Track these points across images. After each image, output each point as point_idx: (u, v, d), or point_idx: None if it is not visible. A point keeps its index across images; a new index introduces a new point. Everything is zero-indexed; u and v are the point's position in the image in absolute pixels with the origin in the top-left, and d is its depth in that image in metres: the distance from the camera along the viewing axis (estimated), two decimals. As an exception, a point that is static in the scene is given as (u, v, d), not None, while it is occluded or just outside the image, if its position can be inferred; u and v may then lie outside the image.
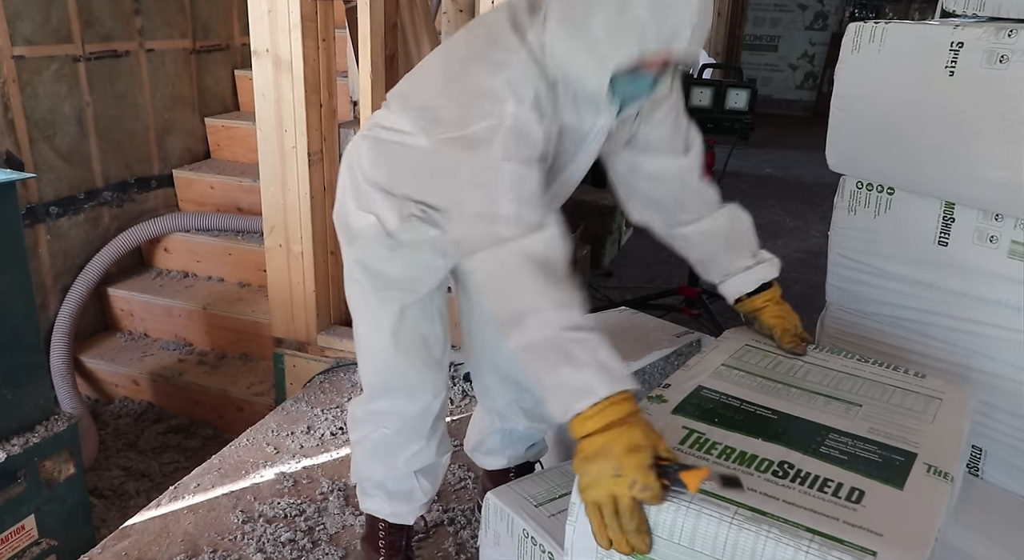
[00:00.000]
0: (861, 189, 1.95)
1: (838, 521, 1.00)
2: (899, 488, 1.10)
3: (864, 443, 1.20)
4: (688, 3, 1.13)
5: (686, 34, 1.13)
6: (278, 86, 2.50)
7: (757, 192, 5.39)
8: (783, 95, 9.02)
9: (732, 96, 2.68)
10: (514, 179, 1.20)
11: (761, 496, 1.04)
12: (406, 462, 1.63)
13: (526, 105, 1.21)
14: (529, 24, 1.26)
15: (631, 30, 1.12)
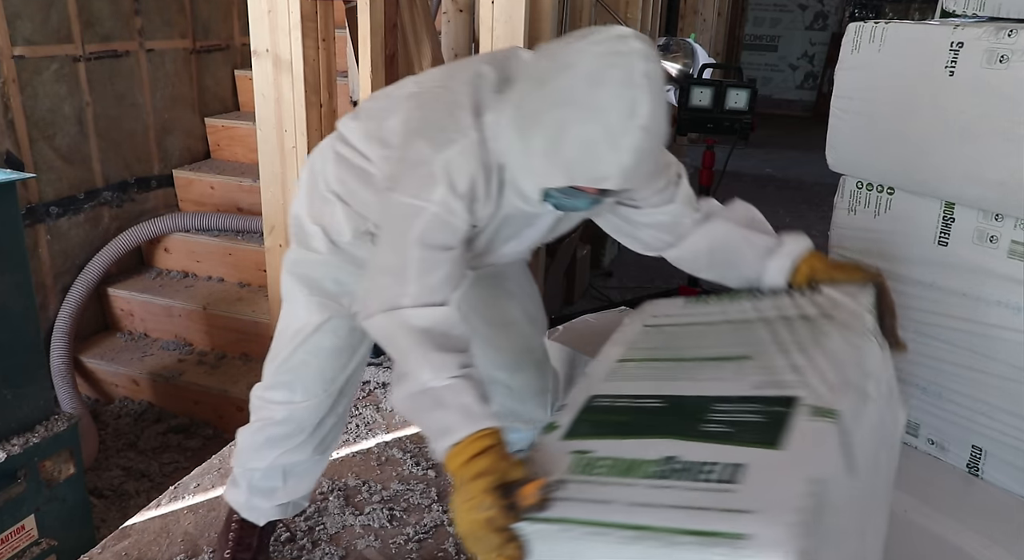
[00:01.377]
0: (861, 189, 1.95)
1: (713, 511, 0.95)
2: (777, 448, 1.03)
3: (748, 404, 1.15)
4: (619, 152, 1.11)
5: (616, 179, 1.14)
6: (278, 86, 2.50)
7: (757, 192, 5.39)
8: (783, 95, 9.02)
9: (732, 96, 2.68)
10: (423, 264, 1.26)
11: (642, 508, 1.00)
12: (282, 455, 1.63)
13: (457, 194, 1.25)
14: (491, 103, 1.28)
15: (561, 164, 1.16)
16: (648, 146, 1.13)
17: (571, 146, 1.13)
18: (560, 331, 2.10)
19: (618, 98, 1.10)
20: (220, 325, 3.29)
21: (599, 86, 1.10)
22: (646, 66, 1.12)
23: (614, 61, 1.11)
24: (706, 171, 2.93)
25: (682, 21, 5.91)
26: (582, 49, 1.15)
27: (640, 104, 1.10)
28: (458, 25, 2.89)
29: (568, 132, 1.13)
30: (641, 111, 1.10)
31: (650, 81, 1.12)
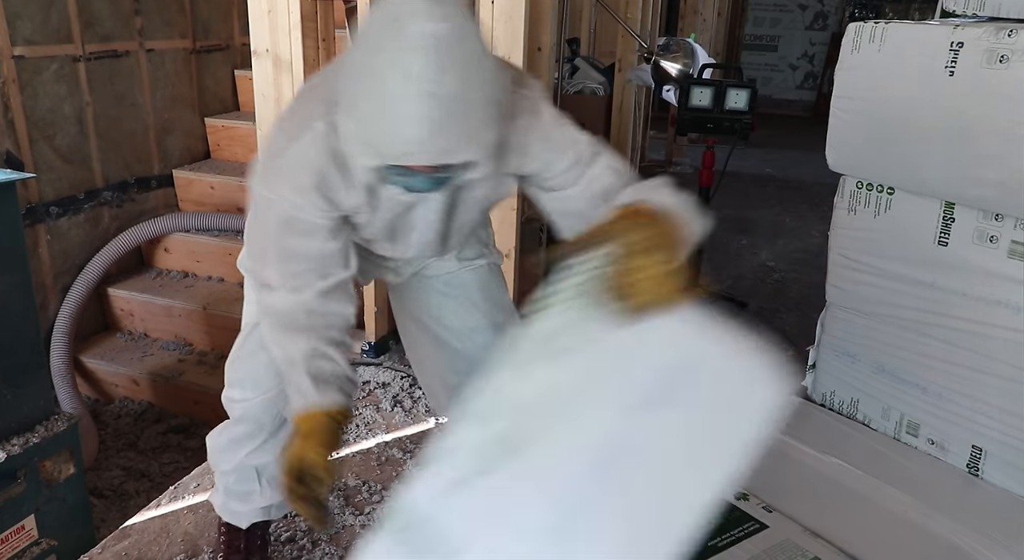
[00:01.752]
0: (861, 189, 1.95)
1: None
2: None
3: None
4: (400, 123, 1.03)
5: (413, 152, 1.05)
6: (278, 86, 2.50)
7: (757, 192, 5.39)
8: (783, 95, 9.01)
9: (732, 96, 2.68)
10: (281, 254, 1.30)
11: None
12: (249, 455, 1.62)
13: (300, 188, 1.23)
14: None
15: (363, 142, 1.11)
16: (439, 112, 1.01)
17: (363, 122, 1.08)
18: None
19: (392, 63, 1.02)
20: (220, 325, 3.29)
21: (376, 53, 1.03)
22: (427, 26, 1.01)
23: (390, 25, 1.03)
24: (706, 171, 2.92)
25: (682, 21, 5.91)
26: (371, 17, 1.09)
27: (414, 65, 1.00)
28: (458, 25, 2.89)
29: (358, 107, 1.08)
30: (418, 73, 1.00)
31: (434, 40, 1.01)
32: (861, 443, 1.94)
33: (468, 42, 1.04)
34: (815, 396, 2.20)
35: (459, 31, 1.03)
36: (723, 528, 1.56)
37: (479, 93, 1.05)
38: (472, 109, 1.04)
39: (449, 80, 1.01)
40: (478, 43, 1.06)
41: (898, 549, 1.55)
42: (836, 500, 1.71)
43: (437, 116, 1.01)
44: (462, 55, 1.03)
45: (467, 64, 1.03)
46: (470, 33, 1.05)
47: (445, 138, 1.04)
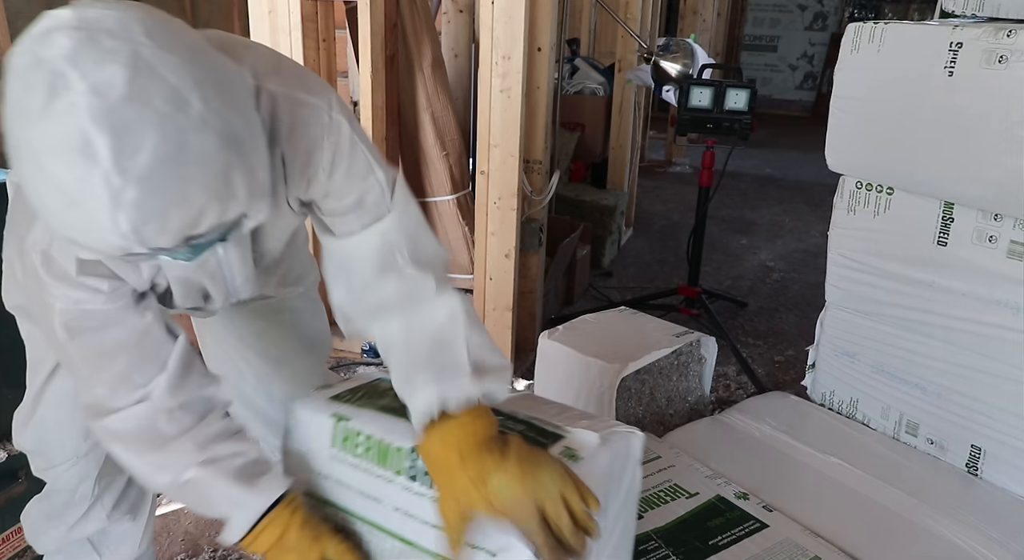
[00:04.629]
0: (860, 189, 1.95)
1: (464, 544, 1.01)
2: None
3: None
4: (102, 222, 0.73)
5: (135, 245, 0.76)
6: (278, 86, 2.50)
7: (757, 192, 5.39)
8: (782, 95, 9.01)
9: (732, 96, 2.68)
10: (91, 362, 1.01)
11: (405, 517, 1.05)
12: (75, 528, 1.33)
13: (69, 279, 0.95)
14: None
15: (73, 244, 0.80)
16: (142, 194, 0.72)
17: (53, 221, 0.78)
18: (560, 331, 2.10)
19: (49, 141, 0.71)
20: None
21: (28, 124, 0.72)
22: (89, 77, 0.70)
23: (32, 79, 0.72)
24: (706, 171, 2.93)
25: (682, 21, 5.91)
26: (10, 64, 0.75)
27: (88, 141, 0.70)
28: (458, 25, 2.89)
29: (32, 196, 0.76)
30: (96, 151, 0.70)
31: (97, 94, 0.70)
32: (861, 442, 1.95)
33: (163, 75, 0.72)
34: (815, 396, 2.21)
35: (143, 67, 0.72)
36: (723, 527, 1.57)
37: (206, 153, 0.74)
38: (196, 174, 0.74)
39: (144, 147, 0.71)
40: (196, 77, 0.74)
41: (898, 548, 1.55)
42: (836, 499, 1.71)
43: (136, 199, 0.72)
44: (159, 101, 0.71)
45: (170, 111, 0.72)
46: (167, 57, 0.73)
47: (157, 222, 0.74)
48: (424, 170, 2.71)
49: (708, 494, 1.67)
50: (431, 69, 2.60)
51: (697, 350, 2.15)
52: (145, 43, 0.73)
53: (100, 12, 0.74)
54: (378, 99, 2.45)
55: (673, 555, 1.49)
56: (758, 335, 3.07)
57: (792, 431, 1.96)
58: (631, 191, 4.26)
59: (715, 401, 2.38)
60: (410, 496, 1.04)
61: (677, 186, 5.45)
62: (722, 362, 2.60)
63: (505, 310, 2.46)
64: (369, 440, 1.09)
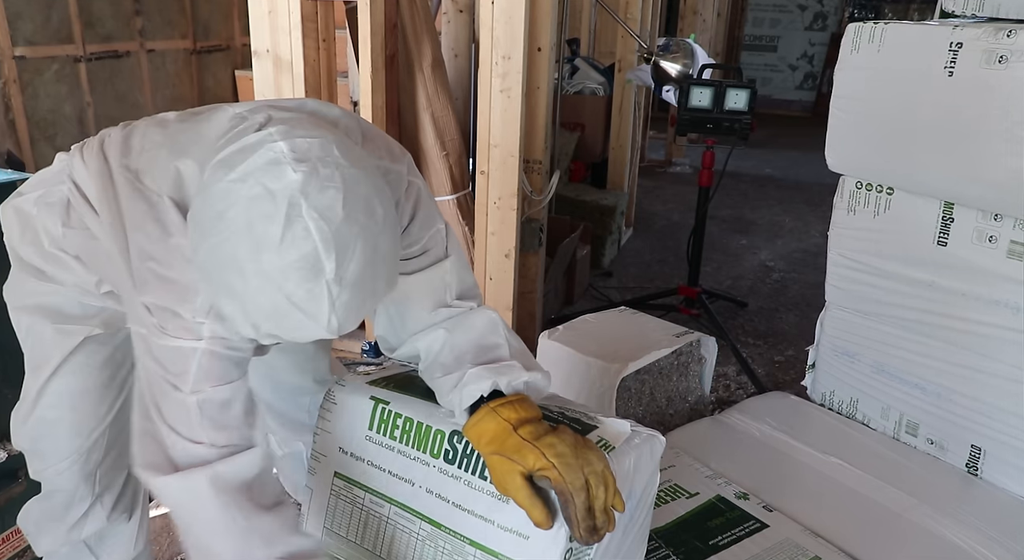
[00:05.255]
0: (860, 189, 1.95)
1: (494, 525, 1.05)
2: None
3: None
4: (314, 319, 0.84)
5: (324, 335, 0.86)
6: (279, 86, 2.50)
7: (757, 192, 5.39)
8: (782, 95, 9.02)
9: (732, 96, 2.68)
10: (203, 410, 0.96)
11: (437, 500, 1.10)
12: (74, 529, 1.33)
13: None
14: None
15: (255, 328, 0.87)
16: (348, 297, 0.83)
17: (257, 317, 0.85)
18: (560, 331, 2.10)
19: (289, 260, 0.80)
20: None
21: (261, 248, 0.81)
22: (315, 201, 0.81)
23: (268, 209, 0.81)
24: (706, 171, 2.93)
25: (682, 21, 5.91)
26: (229, 190, 0.83)
27: (319, 259, 0.80)
28: (458, 25, 2.89)
29: (247, 303, 0.84)
30: (324, 266, 0.81)
31: (324, 219, 0.80)
32: (861, 443, 1.95)
33: (360, 191, 0.84)
34: (815, 396, 2.21)
35: (351, 188, 0.83)
36: (723, 527, 1.57)
37: (387, 250, 0.87)
38: (381, 270, 0.87)
39: (355, 257, 0.83)
40: (372, 183, 0.87)
41: (898, 548, 1.55)
42: (836, 499, 1.71)
43: (347, 301, 0.84)
44: (361, 214, 0.83)
45: (367, 221, 0.84)
46: (359, 174, 0.86)
47: (355, 315, 0.87)
48: (424, 170, 2.71)
49: (708, 494, 1.67)
50: (431, 69, 2.60)
51: (697, 350, 2.15)
52: (344, 165, 0.86)
53: (307, 142, 0.86)
54: (378, 99, 2.45)
55: (673, 555, 1.49)
56: (758, 335, 3.07)
57: (792, 431, 1.96)
58: (631, 191, 4.26)
59: (715, 401, 2.38)
60: (445, 478, 1.09)
61: (677, 186, 5.45)
62: (722, 362, 2.60)
63: (505, 310, 2.46)
64: (408, 423, 1.14)
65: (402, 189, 1.09)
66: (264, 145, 0.85)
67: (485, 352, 1.11)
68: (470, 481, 1.07)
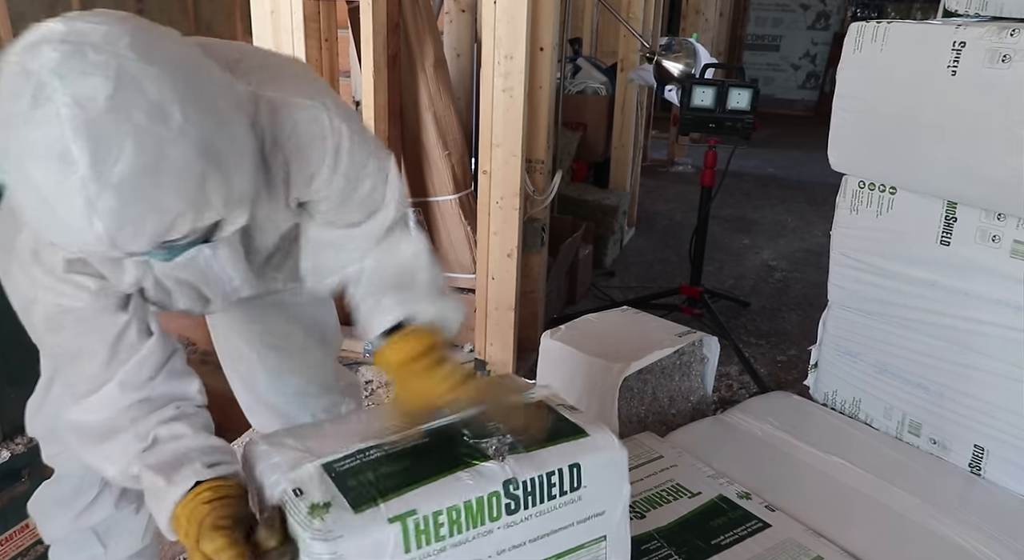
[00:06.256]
0: (863, 188, 1.95)
1: (573, 526, 1.07)
2: (587, 435, 1.11)
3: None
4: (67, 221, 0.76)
5: (110, 249, 0.79)
6: (281, 86, 2.51)
7: (759, 192, 5.38)
8: (785, 95, 9.00)
9: (734, 96, 2.68)
10: (68, 354, 1.07)
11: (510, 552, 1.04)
12: (81, 516, 1.35)
13: (55, 271, 0.99)
14: None
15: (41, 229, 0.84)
16: (119, 202, 0.75)
17: (32, 219, 0.81)
18: (562, 330, 2.10)
19: (32, 141, 0.74)
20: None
21: (9, 127, 0.75)
22: (72, 85, 0.73)
23: (19, 86, 0.74)
24: (708, 171, 2.92)
25: (684, 21, 5.91)
26: (1, 63, 0.78)
27: (67, 148, 0.72)
28: (460, 25, 2.89)
29: (15, 195, 0.79)
30: (75, 157, 0.72)
31: (79, 105, 0.72)
32: (863, 442, 1.95)
33: (146, 89, 0.75)
34: (817, 395, 2.21)
35: (126, 80, 0.74)
36: (725, 527, 1.57)
37: (181, 165, 0.77)
38: (170, 183, 0.77)
39: (122, 157, 0.73)
40: (178, 89, 0.77)
41: (901, 548, 1.55)
42: (839, 499, 1.71)
43: (114, 206, 0.75)
44: (140, 113, 0.74)
45: (149, 123, 0.74)
46: (151, 70, 0.76)
47: (132, 228, 0.77)
48: (426, 170, 2.71)
49: (710, 494, 1.67)
50: (433, 69, 2.60)
51: (699, 350, 2.15)
52: (130, 57, 0.75)
53: (89, 25, 0.77)
54: (380, 99, 2.45)
55: (675, 555, 1.49)
56: (760, 335, 3.07)
57: (794, 431, 1.96)
58: (633, 191, 4.26)
59: (717, 401, 2.38)
60: (512, 529, 1.03)
61: (679, 186, 5.45)
62: (724, 362, 2.60)
63: (507, 310, 2.46)
64: (453, 512, 0.98)
65: (320, 128, 1.01)
66: (40, 26, 0.80)
67: (408, 278, 1.16)
68: (541, 510, 1.04)
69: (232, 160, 0.83)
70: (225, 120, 0.83)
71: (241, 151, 0.85)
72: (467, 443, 1.06)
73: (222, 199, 0.82)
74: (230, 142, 0.83)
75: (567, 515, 1.07)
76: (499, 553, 1.03)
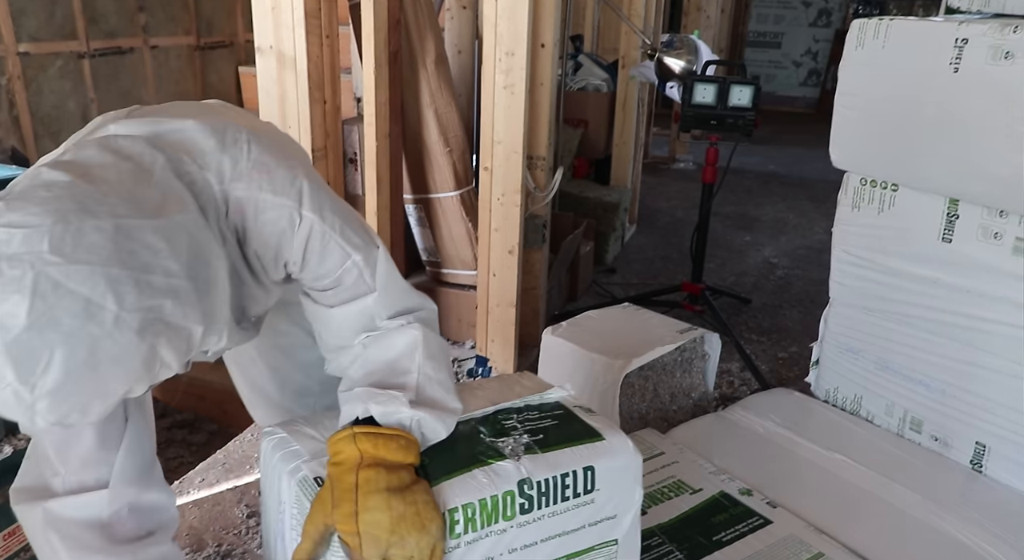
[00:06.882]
0: (865, 186, 1.95)
1: (585, 528, 1.09)
2: (603, 438, 1.12)
3: (525, 412, 1.16)
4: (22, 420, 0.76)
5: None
6: (282, 83, 2.50)
7: (761, 189, 5.38)
8: (786, 92, 9.00)
9: (736, 93, 2.68)
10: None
11: (521, 551, 1.04)
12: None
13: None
14: None
15: None
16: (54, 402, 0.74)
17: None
18: (563, 327, 2.10)
19: None
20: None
21: None
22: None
23: None
24: (710, 168, 2.92)
25: (686, 18, 5.90)
26: None
27: (2, 369, 0.71)
28: (462, 22, 2.89)
29: None
30: (4, 374, 0.72)
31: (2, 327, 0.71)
32: (865, 439, 1.95)
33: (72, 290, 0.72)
34: (819, 392, 2.21)
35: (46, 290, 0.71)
36: (727, 523, 1.57)
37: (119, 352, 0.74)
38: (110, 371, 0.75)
39: (52, 366, 0.72)
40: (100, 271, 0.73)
41: (902, 545, 1.55)
42: (840, 496, 1.71)
43: (49, 407, 0.74)
44: (67, 317, 0.72)
45: (79, 324, 0.72)
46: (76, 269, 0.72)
47: (83, 411, 0.77)
48: (427, 166, 2.71)
49: (712, 490, 1.67)
50: (434, 65, 2.60)
51: (701, 346, 2.15)
52: (51, 261, 0.72)
53: (6, 231, 0.72)
54: (381, 96, 2.45)
55: (677, 551, 1.49)
56: (762, 332, 3.07)
57: (796, 427, 1.96)
58: (634, 188, 4.26)
59: (719, 397, 2.38)
60: (526, 528, 1.04)
61: (680, 183, 5.44)
62: (726, 359, 2.60)
63: (508, 306, 2.47)
64: (468, 509, 1.00)
65: (288, 227, 1.00)
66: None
67: (392, 375, 1.05)
68: (554, 511, 1.06)
69: (188, 311, 0.80)
70: (176, 271, 0.79)
71: (205, 283, 0.83)
72: (484, 441, 1.08)
73: (177, 356, 0.80)
74: (185, 293, 0.80)
75: (579, 517, 1.08)
76: (511, 552, 1.04)
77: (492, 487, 1.01)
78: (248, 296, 1.07)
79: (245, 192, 0.97)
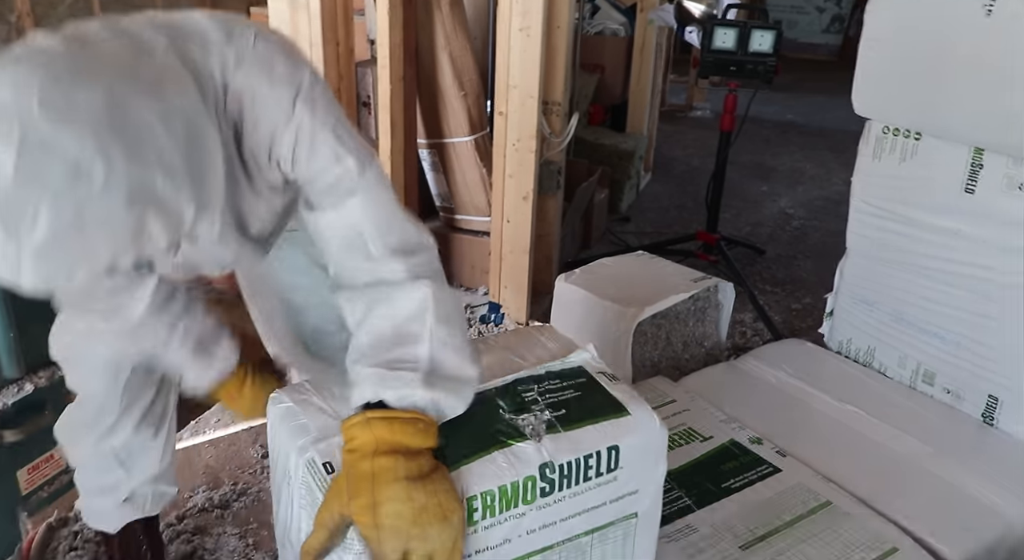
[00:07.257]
0: (887, 134, 1.91)
1: (605, 505, 1.06)
2: (628, 413, 1.08)
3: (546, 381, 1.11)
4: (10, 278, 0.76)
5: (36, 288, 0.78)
6: (295, 24, 2.46)
7: (779, 138, 5.30)
8: (808, 39, 8.78)
9: (756, 38, 2.62)
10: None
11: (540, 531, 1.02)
12: (101, 439, 1.40)
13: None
14: None
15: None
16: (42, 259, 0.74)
17: None
18: (577, 274, 2.10)
19: None
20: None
21: None
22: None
23: None
24: (727, 116, 2.87)
25: (707, -40, 5.75)
26: None
27: None
28: (478, -39, 2.82)
29: None
30: None
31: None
32: (877, 391, 1.95)
33: (60, 151, 0.71)
34: (832, 343, 2.20)
35: (33, 148, 0.71)
36: (736, 471, 1.58)
37: (105, 205, 0.73)
38: (96, 233, 0.74)
39: (39, 224, 0.71)
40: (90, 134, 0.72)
41: (912, 496, 1.56)
42: (850, 446, 1.72)
43: (35, 266, 0.74)
44: (54, 178, 0.71)
45: (65, 186, 0.71)
46: (65, 129, 0.71)
47: (69, 274, 0.77)
48: (442, 110, 2.68)
49: (722, 438, 1.68)
50: (449, 7, 2.54)
51: (714, 296, 2.15)
52: (40, 118, 0.70)
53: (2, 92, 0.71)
54: (395, 37, 2.41)
55: (686, 497, 1.51)
56: (776, 282, 3.06)
57: (808, 378, 1.96)
58: (650, 135, 4.20)
59: (731, 347, 2.38)
60: (546, 510, 1.01)
61: (697, 131, 5.37)
62: (739, 309, 2.59)
63: (522, 253, 2.46)
64: (487, 496, 0.96)
65: (281, 119, 0.99)
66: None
67: (401, 342, 1.00)
68: (575, 491, 1.02)
69: (176, 190, 0.78)
70: (168, 148, 0.78)
71: (199, 166, 0.82)
72: (503, 418, 1.02)
73: (165, 231, 0.79)
74: (177, 170, 0.78)
75: (601, 495, 1.05)
76: (529, 533, 1.01)
77: (513, 472, 0.96)
78: (243, 199, 1.05)
79: (244, 82, 0.96)
